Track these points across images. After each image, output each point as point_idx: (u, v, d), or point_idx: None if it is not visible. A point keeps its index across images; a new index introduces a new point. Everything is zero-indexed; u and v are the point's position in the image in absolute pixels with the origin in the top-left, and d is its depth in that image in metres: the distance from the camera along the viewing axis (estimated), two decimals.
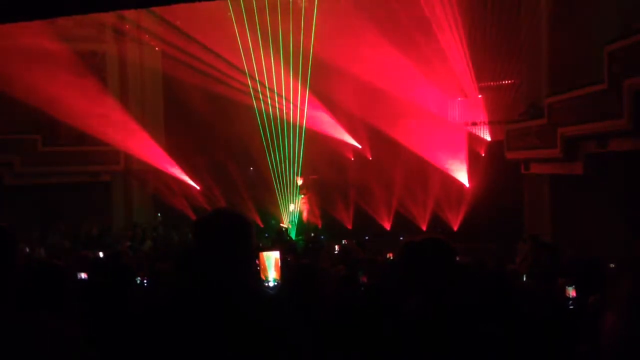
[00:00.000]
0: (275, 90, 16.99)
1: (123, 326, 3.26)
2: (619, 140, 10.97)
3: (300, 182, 17.11)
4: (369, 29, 15.54)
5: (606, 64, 10.63)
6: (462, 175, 16.45)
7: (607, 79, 10.63)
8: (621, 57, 10.31)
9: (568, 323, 4.19)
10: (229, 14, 16.03)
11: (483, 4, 14.62)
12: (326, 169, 17.39)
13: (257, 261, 6.45)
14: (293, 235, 16.36)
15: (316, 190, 17.61)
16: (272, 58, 16.53)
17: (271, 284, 6.39)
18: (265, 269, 6.47)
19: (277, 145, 17.28)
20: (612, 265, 5.57)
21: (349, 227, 17.22)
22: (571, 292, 5.08)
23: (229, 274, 2.16)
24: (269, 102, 17.11)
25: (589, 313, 3.89)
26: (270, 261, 6.55)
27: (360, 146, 18.22)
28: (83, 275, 5.68)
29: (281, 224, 17.32)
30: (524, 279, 6.84)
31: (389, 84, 16.14)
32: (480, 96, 16.55)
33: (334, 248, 10.63)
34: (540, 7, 14.00)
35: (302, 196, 17.05)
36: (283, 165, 17.37)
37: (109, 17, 16.17)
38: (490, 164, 15.96)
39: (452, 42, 15.12)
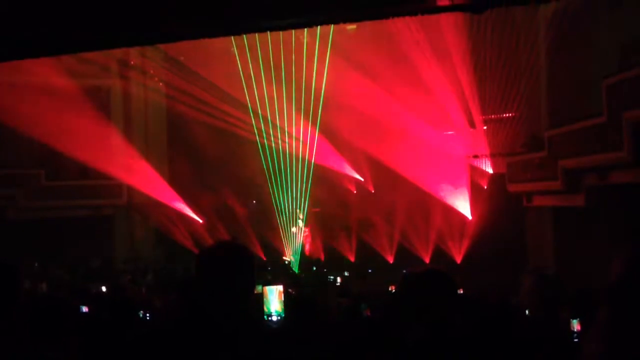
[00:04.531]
0: (278, 125, 17.12)
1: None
2: (619, 172, 11.00)
3: (301, 216, 17.17)
4: (371, 63, 15.72)
5: (605, 97, 10.72)
6: (464, 207, 16.43)
7: (606, 112, 10.70)
8: (620, 90, 10.39)
9: (572, 357, 4.15)
10: (232, 49, 16.26)
11: (482, 38, 14.80)
12: (329, 202, 17.40)
13: (259, 294, 6.42)
14: (295, 268, 16.28)
15: (319, 223, 17.60)
16: (274, 92, 16.69)
17: (274, 317, 6.34)
18: (268, 303, 6.43)
19: (279, 179, 17.34)
20: None
21: (352, 259, 17.15)
22: (576, 325, 5.03)
23: (229, 307, 2.16)
24: (272, 136, 17.23)
25: None
26: (273, 295, 6.51)
27: (362, 179, 18.25)
28: (85, 309, 5.66)
29: (284, 257, 17.26)
30: (527, 312, 6.77)
31: (391, 117, 16.26)
32: (474, 129, 16.58)
33: (337, 280, 10.62)
34: (538, 41, 14.18)
35: (299, 226, 17.13)
36: (286, 198, 17.41)
37: (113, 53, 16.39)
38: (493, 196, 15.96)
39: (453, 76, 15.27)
